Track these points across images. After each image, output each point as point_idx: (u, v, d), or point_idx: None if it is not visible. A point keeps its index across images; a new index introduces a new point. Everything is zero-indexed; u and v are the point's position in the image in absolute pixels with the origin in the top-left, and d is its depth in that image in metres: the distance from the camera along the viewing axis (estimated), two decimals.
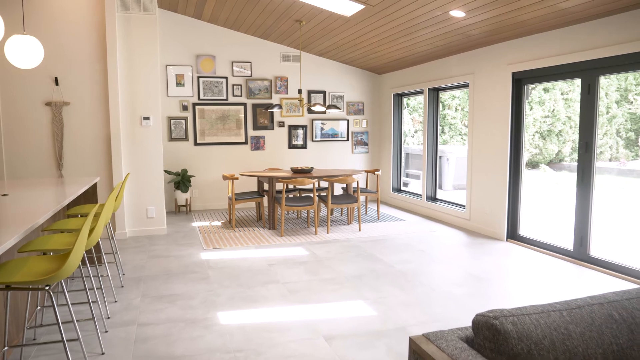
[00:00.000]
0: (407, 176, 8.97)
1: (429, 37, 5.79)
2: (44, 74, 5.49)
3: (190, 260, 4.87)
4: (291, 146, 8.23)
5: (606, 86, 6.00)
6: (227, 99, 7.79)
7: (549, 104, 7.36)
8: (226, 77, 7.75)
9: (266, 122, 8.05)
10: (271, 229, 6.29)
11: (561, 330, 1.37)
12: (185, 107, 7.60)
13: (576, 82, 6.45)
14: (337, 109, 6.46)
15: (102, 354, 2.81)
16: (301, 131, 8.26)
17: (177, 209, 7.56)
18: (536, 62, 5.04)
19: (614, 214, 6.36)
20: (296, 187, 7.17)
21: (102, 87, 5.66)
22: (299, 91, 6.27)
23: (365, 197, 7.77)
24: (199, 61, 7.58)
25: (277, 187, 7.22)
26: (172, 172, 7.45)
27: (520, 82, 5.41)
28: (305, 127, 8.28)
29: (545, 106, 7.38)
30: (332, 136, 8.47)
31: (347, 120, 8.54)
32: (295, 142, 8.25)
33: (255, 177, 8.13)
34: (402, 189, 8.45)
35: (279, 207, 6.23)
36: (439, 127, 7.27)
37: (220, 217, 7.22)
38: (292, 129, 8.21)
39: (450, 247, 5.39)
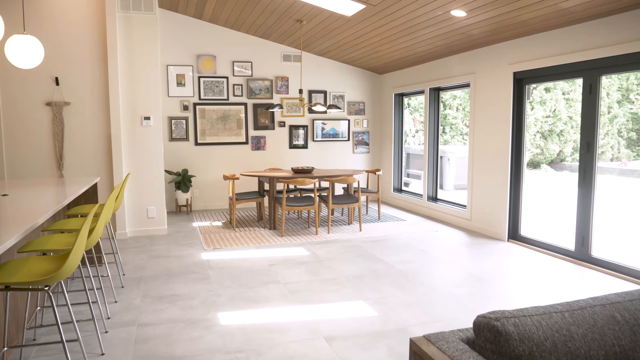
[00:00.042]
0: (408, 176, 8.96)
1: (430, 37, 5.78)
2: (45, 74, 5.48)
3: (190, 260, 4.86)
4: (292, 146, 8.23)
5: (607, 86, 5.99)
6: (227, 99, 7.79)
7: (550, 104, 7.34)
8: (227, 77, 7.74)
9: (267, 122, 8.05)
10: (272, 229, 6.28)
11: (563, 331, 1.36)
12: (186, 107, 7.60)
13: (577, 82, 6.44)
14: (338, 108, 6.45)
15: (102, 355, 2.81)
16: (302, 131, 8.25)
17: (178, 209, 7.56)
18: (537, 62, 5.03)
19: (616, 214, 6.34)
20: (297, 187, 7.16)
21: (102, 87, 5.66)
22: (300, 91, 6.26)
23: (366, 197, 7.76)
24: (200, 61, 7.57)
25: (278, 187, 7.22)
26: (172, 172, 7.45)
27: (521, 81, 5.40)
28: (306, 127, 8.27)
29: (546, 106, 7.37)
30: (333, 136, 8.46)
31: (348, 120, 8.53)
32: (296, 142, 8.24)
33: (256, 177, 8.12)
34: (403, 189, 8.44)
35: (279, 207, 6.23)
36: (440, 127, 7.26)
37: (220, 217, 7.22)
38: (292, 129, 8.20)
39: (451, 247, 5.38)
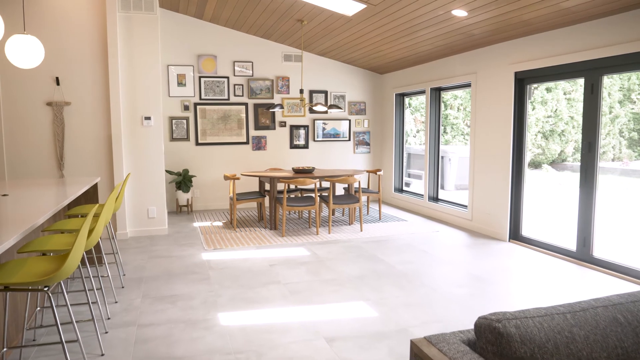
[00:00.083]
0: (409, 176, 8.94)
1: (431, 37, 5.77)
2: (45, 74, 5.48)
3: (191, 260, 4.86)
4: (293, 146, 8.22)
5: (609, 86, 5.97)
6: (228, 99, 7.78)
7: (552, 104, 7.33)
8: (228, 77, 7.74)
9: (268, 122, 8.04)
10: (272, 229, 6.28)
11: (565, 333, 1.35)
12: (186, 107, 7.59)
13: (579, 81, 6.42)
14: (339, 108, 6.43)
15: (102, 355, 2.80)
16: (303, 131, 8.24)
17: (179, 209, 7.56)
18: (539, 62, 5.01)
19: (617, 215, 6.32)
20: (298, 187, 7.15)
21: (103, 87, 5.65)
22: (301, 91, 6.25)
23: (366, 197, 7.75)
24: (201, 61, 7.57)
25: (279, 187, 7.21)
26: (173, 172, 7.45)
27: (522, 81, 5.38)
28: (306, 127, 8.26)
29: (547, 106, 7.35)
30: (333, 136, 8.45)
31: (349, 120, 8.52)
32: (296, 142, 8.23)
33: (256, 177, 8.11)
34: (404, 189, 8.43)
35: (280, 207, 6.22)
36: (441, 127, 7.25)
37: (221, 217, 7.21)
38: (293, 129, 8.19)
39: (452, 247, 5.36)
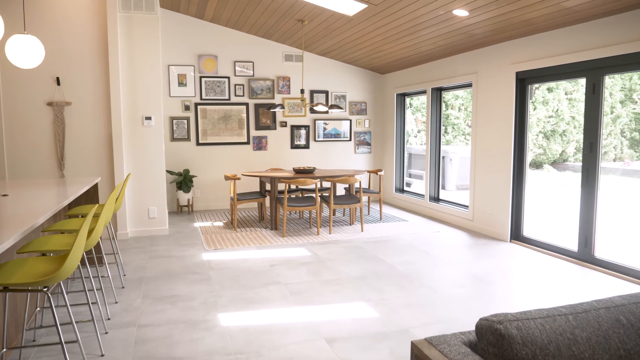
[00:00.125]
0: (410, 176, 8.92)
1: (432, 37, 5.75)
2: (46, 74, 5.48)
3: (191, 261, 4.85)
4: (293, 146, 8.21)
5: (610, 86, 5.95)
6: (229, 99, 7.78)
7: (553, 104, 7.31)
8: (228, 77, 7.73)
9: (268, 122, 8.03)
10: (273, 229, 6.27)
11: (567, 335, 1.34)
12: (187, 107, 7.59)
13: (580, 81, 6.40)
14: (340, 108, 6.42)
15: (102, 356, 2.79)
16: (303, 131, 8.23)
17: (179, 209, 7.55)
18: (540, 62, 5.00)
19: (619, 215, 6.30)
20: (298, 187, 7.15)
21: (103, 87, 5.65)
22: (302, 91, 6.24)
23: (367, 197, 7.74)
24: (201, 61, 7.56)
25: (279, 187, 7.20)
26: (174, 172, 7.44)
27: (524, 81, 5.37)
28: (307, 127, 8.25)
29: (549, 106, 7.33)
30: (334, 136, 8.44)
31: (350, 120, 8.51)
32: (297, 142, 8.22)
33: (257, 178, 8.10)
34: (405, 189, 8.42)
35: (281, 207, 6.21)
36: (442, 127, 7.23)
37: (222, 217, 7.20)
38: (294, 129, 8.18)
39: (453, 248, 5.35)
